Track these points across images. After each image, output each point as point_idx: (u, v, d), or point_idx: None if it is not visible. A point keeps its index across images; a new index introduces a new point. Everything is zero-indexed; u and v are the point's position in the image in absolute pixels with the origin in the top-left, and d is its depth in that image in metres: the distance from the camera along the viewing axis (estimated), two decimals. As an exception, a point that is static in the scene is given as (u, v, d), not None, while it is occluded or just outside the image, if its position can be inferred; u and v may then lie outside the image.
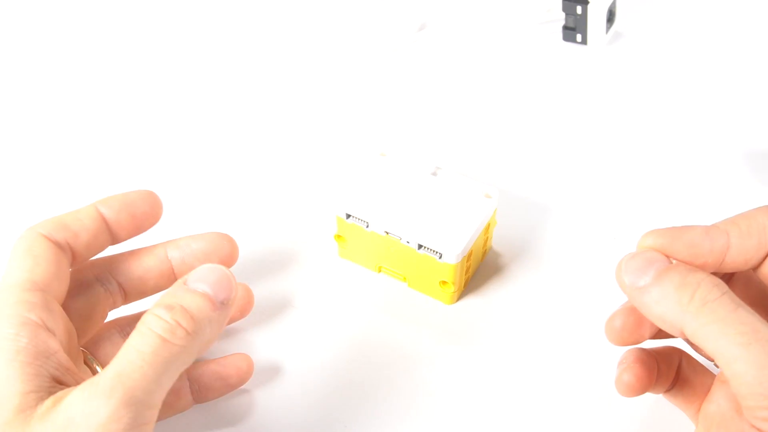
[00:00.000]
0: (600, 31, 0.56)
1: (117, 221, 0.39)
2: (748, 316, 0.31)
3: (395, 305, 0.45)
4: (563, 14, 0.57)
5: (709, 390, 0.38)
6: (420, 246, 0.42)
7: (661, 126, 0.53)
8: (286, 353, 0.44)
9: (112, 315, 0.41)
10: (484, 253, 0.46)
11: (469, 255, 0.43)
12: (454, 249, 0.42)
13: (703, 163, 0.51)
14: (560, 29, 0.58)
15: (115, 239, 0.40)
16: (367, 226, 0.43)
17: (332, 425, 0.41)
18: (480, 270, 0.46)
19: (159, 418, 0.36)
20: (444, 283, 0.44)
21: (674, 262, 0.34)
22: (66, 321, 0.36)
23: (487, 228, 0.44)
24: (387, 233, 0.43)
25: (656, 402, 0.41)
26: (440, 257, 0.42)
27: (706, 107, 0.54)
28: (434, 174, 0.44)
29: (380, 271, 0.46)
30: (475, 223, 0.42)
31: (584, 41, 0.57)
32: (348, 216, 0.43)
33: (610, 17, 0.57)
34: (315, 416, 0.41)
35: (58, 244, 0.37)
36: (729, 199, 0.49)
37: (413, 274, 0.45)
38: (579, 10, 0.56)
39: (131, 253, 0.41)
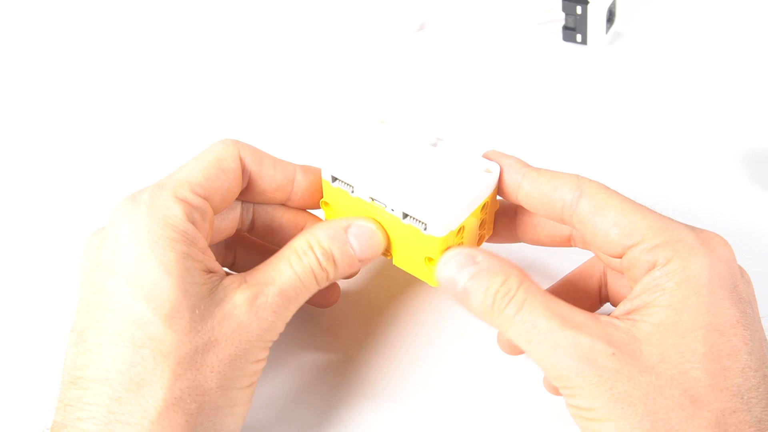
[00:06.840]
0: (600, 31, 0.56)
1: (305, 195, 0.41)
2: (525, 316, 0.34)
3: (393, 297, 0.45)
4: (563, 14, 0.57)
5: None
6: (405, 215, 0.38)
7: (661, 126, 0.53)
8: (285, 353, 0.44)
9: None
10: (481, 237, 0.41)
11: (460, 231, 0.38)
12: (442, 219, 0.37)
13: (702, 163, 0.51)
14: (560, 29, 0.58)
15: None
16: (352, 192, 0.39)
17: (332, 425, 0.41)
18: None
19: None
20: (430, 260, 0.39)
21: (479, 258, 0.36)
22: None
23: (486, 207, 0.39)
24: (372, 200, 0.39)
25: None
26: (425, 228, 0.37)
27: (706, 107, 0.54)
28: (434, 145, 0.40)
29: None
30: (470, 195, 0.38)
31: (584, 41, 0.57)
32: (334, 179, 0.39)
33: (610, 17, 0.57)
34: (315, 416, 0.41)
35: (244, 170, 0.39)
36: (728, 199, 0.49)
37: (398, 248, 0.40)
38: (579, 10, 0.56)
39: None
